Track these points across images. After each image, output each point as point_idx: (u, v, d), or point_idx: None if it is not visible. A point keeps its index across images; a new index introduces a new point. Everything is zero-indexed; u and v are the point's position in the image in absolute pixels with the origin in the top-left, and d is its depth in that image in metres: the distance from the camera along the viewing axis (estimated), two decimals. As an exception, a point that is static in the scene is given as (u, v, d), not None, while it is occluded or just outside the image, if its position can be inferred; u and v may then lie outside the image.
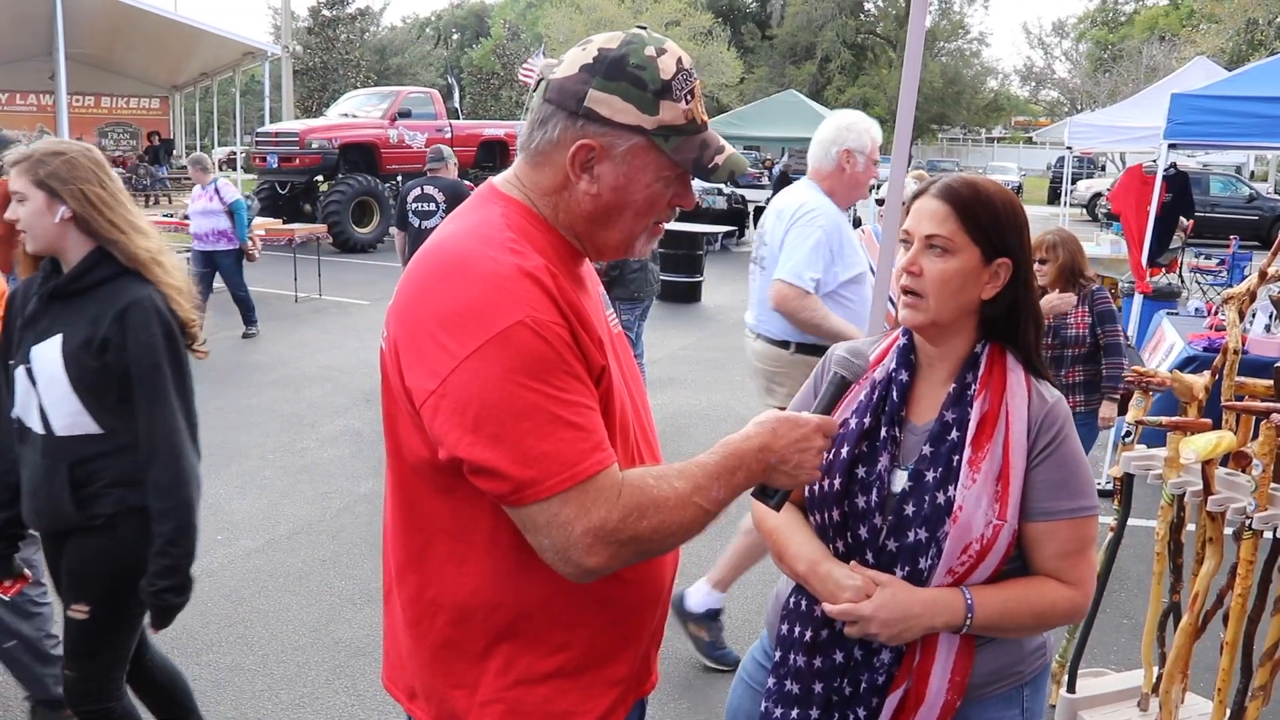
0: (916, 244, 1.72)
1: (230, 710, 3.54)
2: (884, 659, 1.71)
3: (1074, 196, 23.76)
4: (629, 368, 1.61)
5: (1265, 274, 3.38)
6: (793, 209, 3.77)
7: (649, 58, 1.42)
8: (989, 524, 1.64)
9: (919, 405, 1.78)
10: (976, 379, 1.72)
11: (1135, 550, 4.80)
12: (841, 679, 1.74)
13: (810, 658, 1.76)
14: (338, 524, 5.20)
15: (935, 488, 1.68)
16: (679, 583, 4.34)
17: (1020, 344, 1.76)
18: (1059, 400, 1.73)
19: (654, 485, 1.37)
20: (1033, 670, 1.79)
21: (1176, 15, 38.38)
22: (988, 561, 1.66)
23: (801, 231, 3.69)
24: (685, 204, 1.51)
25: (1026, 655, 1.77)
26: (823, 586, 1.72)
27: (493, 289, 1.34)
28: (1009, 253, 1.72)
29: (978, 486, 1.65)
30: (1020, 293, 1.74)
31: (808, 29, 45.30)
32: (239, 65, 21.17)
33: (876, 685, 1.71)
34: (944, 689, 1.68)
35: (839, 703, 1.74)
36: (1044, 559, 1.70)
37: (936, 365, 1.78)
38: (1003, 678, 1.75)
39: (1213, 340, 6.23)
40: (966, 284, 1.71)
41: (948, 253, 1.70)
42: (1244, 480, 2.88)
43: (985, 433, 1.68)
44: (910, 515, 1.69)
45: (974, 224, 1.70)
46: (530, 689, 1.48)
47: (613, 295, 6.37)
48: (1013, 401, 1.70)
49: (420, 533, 1.50)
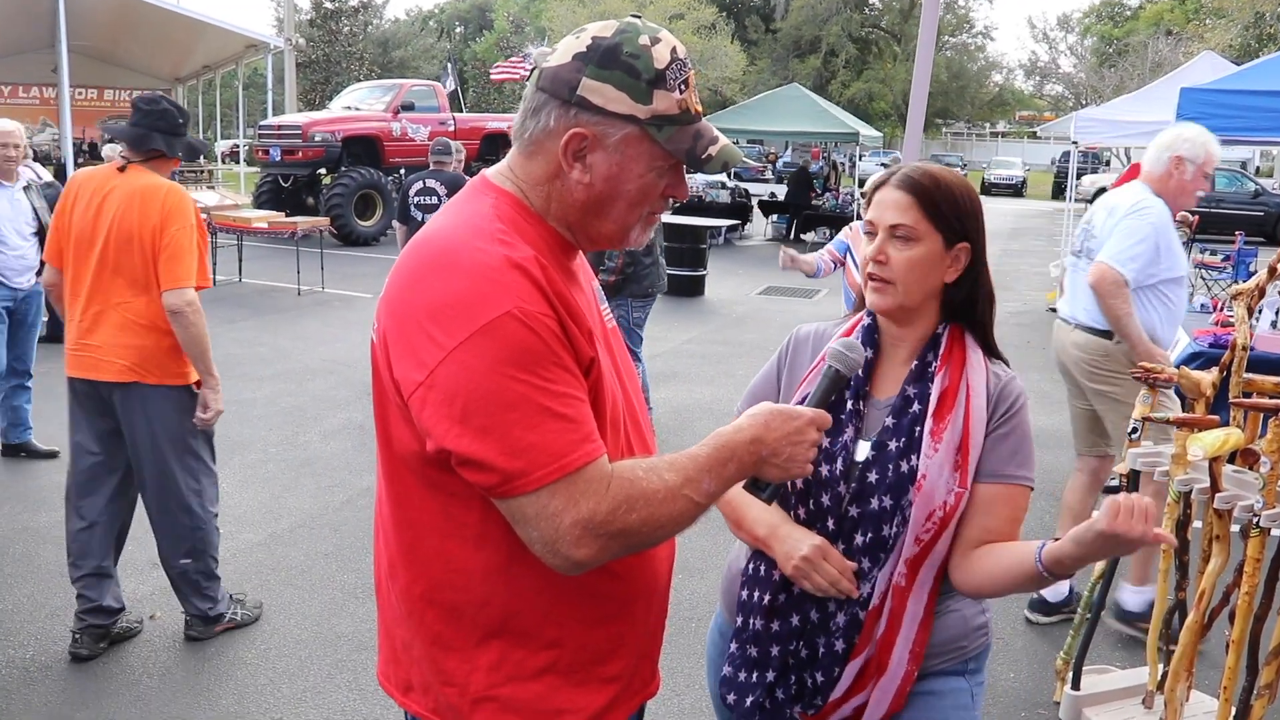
0: (882, 233, 1.80)
1: (232, 704, 3.54)
2: (839, 622, 1.77)
3: (1079, 191, 23.70)
4: (622, 360, 1.60)
5: (1275, 270, 3.36)
6: (1127, 204, 3.99)
7: (643, 46, 1.41)
8: (951, 492, 1.73)
9: (882, 382, 1.87)
10: (938, 357, 1.81)
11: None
12: (798, 642, 1.81)
13: (768, 621, 1.82)
14: (340, 518, 5.20)
15: (898, 457, 1.75)
16: (679, 578, 4.38)
17: (978, 323, 1.85)
18: (1014, 378, 1.84)
19: (643, 477, 1.37)
20: (976, 646, 1.86)
21: (1183, 10, 38.26)
22: (949, 529, 1.74)
23: (1132, 224, 3.91)
24: (679, 195, 1.51)
25: (971, 630, 1.84)
26: (781, 547, 1.79)
27: (481, 280, 1.33)
28: (968, 237, 1.81)
29: (939, 456, 1.73)
30: (979, 275, 1.83)
31: (812, 22, 45.22)
32: (242, 58, 21.13)
33: (835, 652, 1.77)
34: (905, 659, 1.75)
35: (795, 665, 1.81)
36: (997, 521, 1.75)
37: (900, 345, 1.87)
38: (948, 651, 1.82)
39: (1218, 336, 6.20)
40: (931, 269, 1.79)
41: (912, 240, 1.78)
42: (1251, 478, 2.87)
43: (946, 405, 1.76)
44: (874, 483, 1.76)
45: (935, 212, 1.78)
46: (523, 685, 1.47)
47: (627, 292, 6.39)
48: (973, 377, 1.79)
49: (411, 527, 1.49)
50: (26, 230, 5.93)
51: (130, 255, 3.57)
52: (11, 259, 5.84)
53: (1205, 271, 12.37)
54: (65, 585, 4.37)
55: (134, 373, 3.62)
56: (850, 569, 1.76)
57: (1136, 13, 46.06)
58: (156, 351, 3.62)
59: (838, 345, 1.66)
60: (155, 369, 3.63)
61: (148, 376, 3.63)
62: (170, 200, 3.59)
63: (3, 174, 5.87)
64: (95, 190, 3.64)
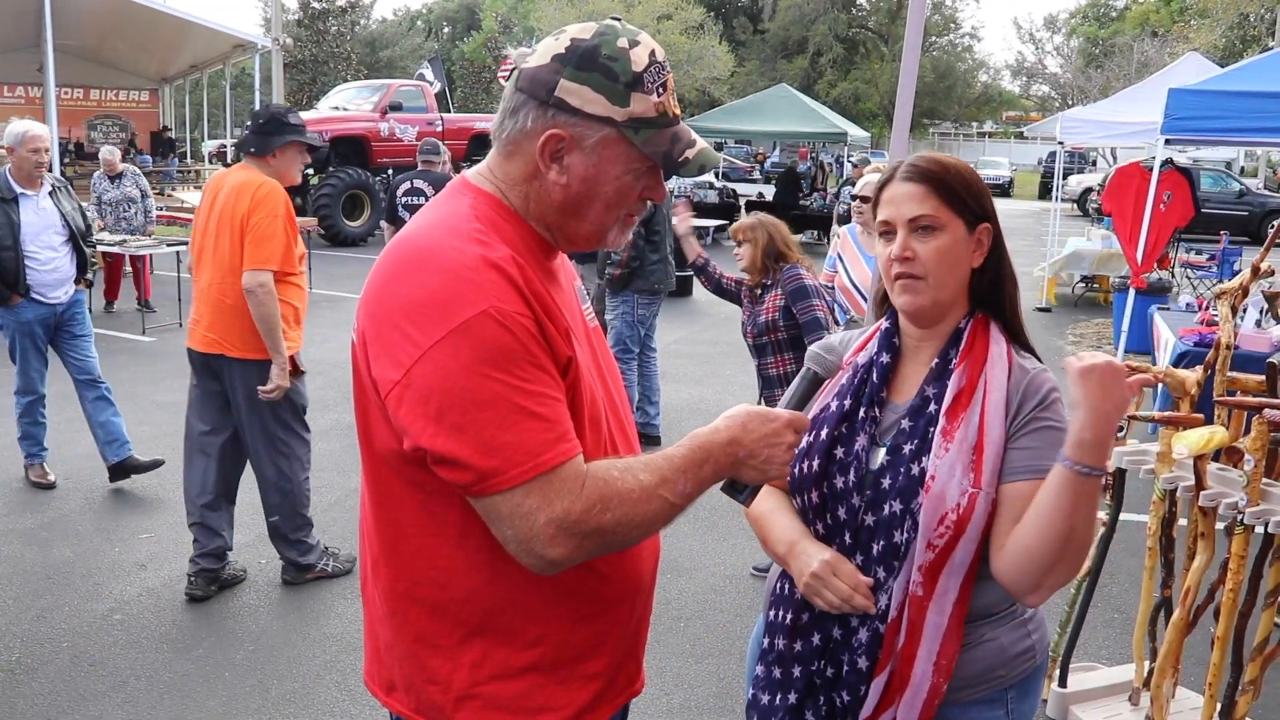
0: (902, 230, 1.71)
1: (220, 705, 3.53)
2: (862, 639, 1.68)
3: (1065, 191, 23.80)
4: (604, 359, 1.61)
5: (1257, 269, 3.39)
6: None
7: (621, 49, 1.42)
8: (964, 493, 1.62)
9: (902, 385, 1.78)
10: (958, 353, 1.72)
11: (1127, 545, 4.80)
12: (821, 661, 1.73)
13: (791, 641, 1.75)
14: (328, 518, 5.18)
15: (910, 459, 1.67)
16: (668, 576, 4.38)
17: (1003, 310, 1.77)
18: (1043, 370, 1.73)
19: (618, 478, 1.37)
20: (1018, 674, 1.74)
21: (1168, 10, 38.41)
22: (968, 534, 1.62)
23: None
24: (656, 197, 1.51)
25: (1010, 659, 1.72)
26: (796, 564, 1.72)
27: (457, 279, 1.34)
28: (986, 217, 1.74)
29: (951, 456, 1.64)
30: (1001, 256, 1.76)
31: (799, 23, 45.22)
32: (229, 58, 21.06)
33: (859, 669, 1.69)
34: (929, 672, 1.65)
35: (821, 686, 1.73)
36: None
37: (923, 347, 1.78)
38: (985, 680, 1.71)
39: (1203, 335, 6.25)
40: (960, 256, 1.72)
41: (936, 230, 1.70)
42: (1236, 475, 2.89)
43: (961, 403, 1.67)
44: (886, 488, 1.68)
45: (952, 196, 1.70)
46: (506, 683, 1.48)
47: (633, 288, 6.39)
48: (991, 372, 1.69)
49: (392, 526, 1.49)
50: (57, 240, 5.43)
51: (224, 239, 4.06)
52: (43, 274, 5.36)
53: (1191, 271, 12.46)
54: (52, 587, 4.37)
55: (219, 345, 4.14)
56: (864, 584, 1.67)
57: (1122, 13, 46.24)
58: (239, 328, 4.08)
59: (816, 348, 1.64)
60: (238, 343, 4.11)
61: (230, 350, 4.13)
62: (260, 192, 4.04)
63: (28, 181, 5.36)
64: (215, 186, 4.22)
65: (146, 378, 8.02)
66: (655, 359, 6.89)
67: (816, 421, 1.79)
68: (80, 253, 5.54)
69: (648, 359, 6.79)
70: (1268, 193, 24.21)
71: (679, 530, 4.66)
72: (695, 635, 4.11)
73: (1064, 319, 11.93)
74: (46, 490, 5.49)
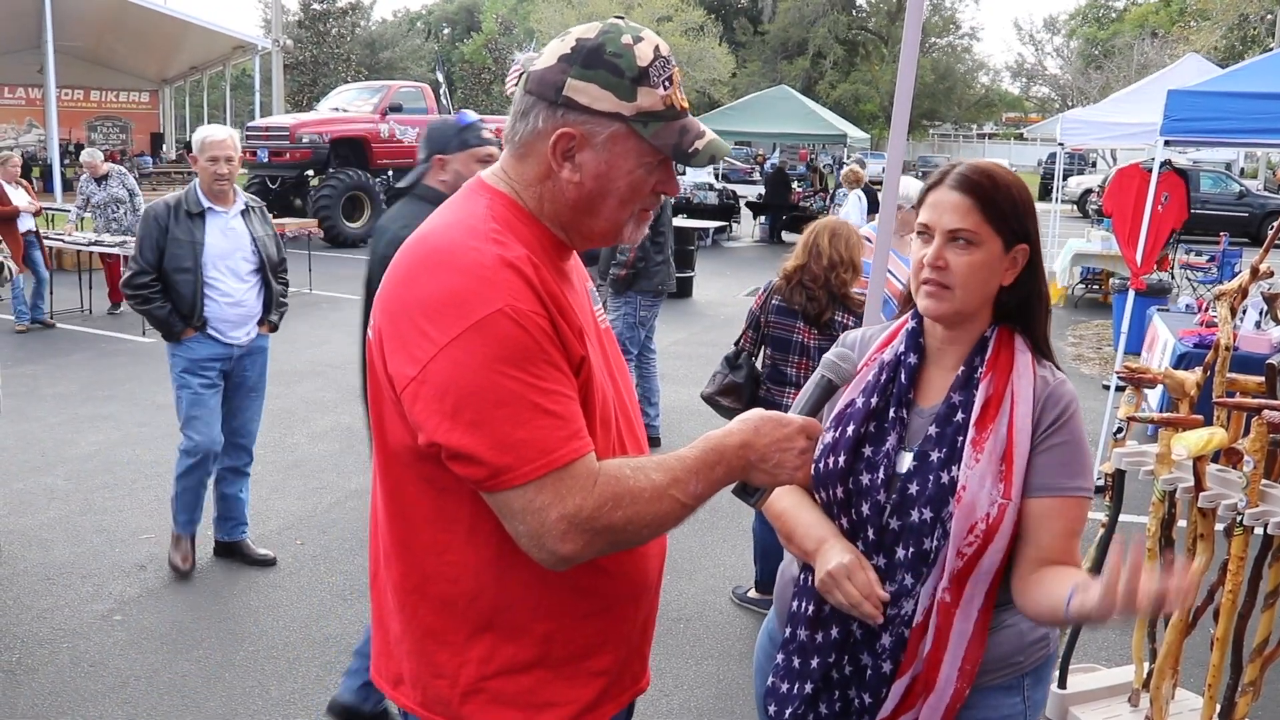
0: (939, 237, 1.71)
1: (220, 707, 3.53)
2: (885, 643, 1.71)
3: (1065, 193, 23.79)
4: (615, 360, 1.62)
5: (1256, 270, 3.39)
6: None
7: (625, 45, 1.44)
8: (994, 503, 1.64)
9: (926, 389, 1.80)
10: (984, 362, 1.73)
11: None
12: (840, 655, 1.75)
13: (812, 632, 1.78)
14: (328, 519, 5.19)
15: (939, 468, 1.68)
16: (668, 577, 4.38)
17: (1031, 326, 1.77)
18: (1063, 381, 1.74)
19: (630, 476, 1.39)
20: (1034, 660, 1.78)
21: (1167, 12, 38.47)
22: (996, 544, 1.65)
23: None
24: (669, 190, 1.52)
25: (1026, 645, 1.77)
26: (820, 560, 1.74)
27: (474, 278, 1.36)
28: (1026, 238, 1.74)
29: (981, 466, 1.66)
30: (1035, 276, 1.77)
31: (800, 24, 45.27)
32: (229, 59, 21.13)
33: (883, 673, 1.71)
34: (954, 677, 1.68)
35: (839, 681, 1.75)
36: (1050, 538, 1.67)
37: (947, 350, 1.79)
38: (1002, 667, 1.74)
39: (1203, 336, 6.25)
40: (991, 274, 1.72)
41: (973, 245, 1.70)
42: (1235, 477, 2.89)
43: (989, 414, 1.69)
44: (914, 494, 1.69)
45: (996, 214, 1.70)
46: (512, 678, 1.49)
47: (636, 288, 6.42)
48: (1018, 383, 1.71)
49: (404, 520, 1.51)
50: (245, 268, 4.40)
51: None
52: (224, 307, 4.34)
53: (1190, 272, 12.46)
54: (50, 588, 4.36)
55: None
56: (877, 595, 1.69)
57: (1122, 15, 46.29)
58: None
59: (831, 355, 1.64)
60: None
61: None
62: None
63: (215, 196, 4.33)
64: None
65: (146, 378, 8.02)
66: (655, 360, 6.91)
67: (841, 417, 1.81)
68: (269, 288, 4.51)
69: (647, 360, 6.81)
70: (1267, 194, 24.21)
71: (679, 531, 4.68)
72: (695, 636, 4.12)
73: (1064, 319, 11.93)
74: (47, 491, 5.50)
